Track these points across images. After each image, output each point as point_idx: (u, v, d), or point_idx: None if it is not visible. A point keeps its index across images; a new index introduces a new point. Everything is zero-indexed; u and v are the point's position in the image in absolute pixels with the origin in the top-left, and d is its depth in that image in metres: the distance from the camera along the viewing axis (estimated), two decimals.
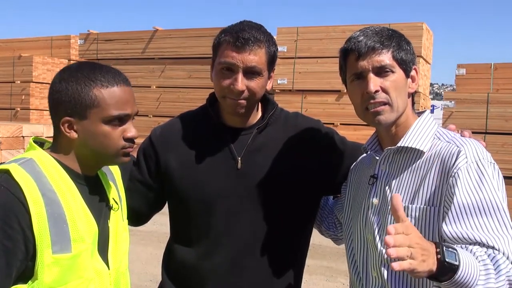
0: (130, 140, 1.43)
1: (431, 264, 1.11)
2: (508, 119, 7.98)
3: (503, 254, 1.26)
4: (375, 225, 1.49)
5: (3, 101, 11.53)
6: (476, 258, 1.22)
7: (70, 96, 1.37)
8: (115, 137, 1.40)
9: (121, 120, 1.41)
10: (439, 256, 1.13)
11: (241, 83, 1.56)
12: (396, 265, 1.05)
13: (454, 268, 1.13)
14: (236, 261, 1.65)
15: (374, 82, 1.41)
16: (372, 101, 1.42)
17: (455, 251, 1.16)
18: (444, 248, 1.15)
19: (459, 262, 1.14)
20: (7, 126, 7.52)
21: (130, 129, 1.43)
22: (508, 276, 1.23)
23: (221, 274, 1.66)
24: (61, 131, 1.40)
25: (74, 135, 1.40)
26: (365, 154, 1.69)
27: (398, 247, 1.05)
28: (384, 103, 1.42)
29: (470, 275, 1.16)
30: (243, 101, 1.60)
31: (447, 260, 1.13)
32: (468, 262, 1.16)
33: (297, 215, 1.71)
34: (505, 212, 1.31)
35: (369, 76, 1.42)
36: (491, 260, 1.24)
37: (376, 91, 1.41)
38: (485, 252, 1.26)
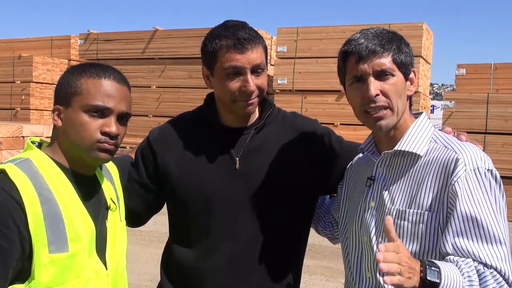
0: (107, 135, 1.39)
1: (415, 282, 1.20)
2: (508, 119, 7.98)
3: (496, 269, 1.29)
4: (372, 227, 1.50)
5: (3, 101, 11.54)
6: (463, 274, 1.26)
7: (62, 85, 1.43)
8: (91, 128, 1.38)
9: (102, 113, 1.39)
10: (421, 274, 1.22)
11: (253, 83, 1.57)
12: (387, 279, 1.15)
13: (435, 285, 1.22)
14: (235, 261, 1.65)
15: (375, 86, 1.41)
16: (372, 105, 1.41)
17: (437, 270, 1.23)
18: (427, 267, 1.23)
19: (441, 280, 1.22)
20: (7, 126, 7.53)
21: (109, 124, 1.40)
22: None
23: (219, 274, 1.65)
24: (52, 120, 1.43)
25: (59, 122, 1.42)
26: (361, 154, 1.69)
27: (389, 263, 1.15)
28: (385, 107, 1.42)
29: None
30: (254, 100, 1.61)
31: (428, 278, 1.21)
32: (451, 279, 1.23)
33: (295, 215, 1.71)
34: (503, 228, 1.33)
35: (370, 79, 1.41)
36: (478, 276, 1.28)
37: (377, 95, 1.41)
38: (475, 267, 1.29)
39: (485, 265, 1.30)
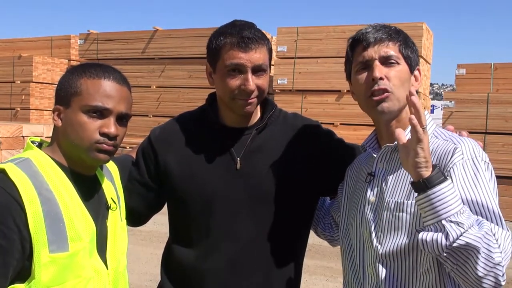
0: (106, 136, 1.39)
1: (430, 164, 1.26)
2: (508, 119, 7.98)
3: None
4: (371, 222, 1.50)
5: (3, 101, 11.53)
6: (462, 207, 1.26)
7: (62, 84, 1.44)
8: (90, 128, 1.38)
9: (101, 113, 1.39)
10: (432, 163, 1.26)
11: (253, 82, 1.57)
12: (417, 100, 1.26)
13: (441, 179, 1.24)
14: (235, 261, 1.65)
15: (380, 70, 1.44)
16: (376, 87, 1.43)
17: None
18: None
19: (446, 178, 1.25)
20: (7, 126, 7.52)
21: (108, 125, 1.39)
22: (487, 235, 1.22)
23: (220, 274, 1.65)
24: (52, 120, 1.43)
25: (58, 123, 1.42)
26: (362, 154, 1.69)
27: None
28: (388, 91, 1.44)
29: (451, 201, 1.22)
30: (253, 100, 1.61)
31: (438, 166, 1.27)
32: (454, 191, 1.25)
33: (295, 215, 1.71)
34: (499, 214, 1.32)
35: (375, 63, 1.45)
36: (476, 220, 1.27)
37: (381, 78, 1.43)
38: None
39: None
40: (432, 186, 1.23)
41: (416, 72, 1.53)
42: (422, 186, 1.24)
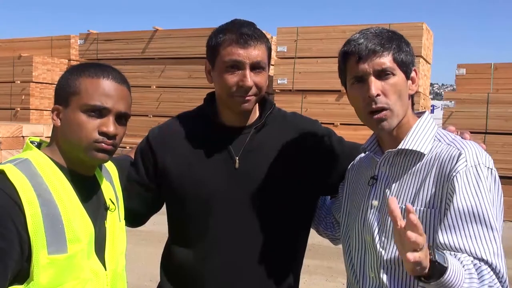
0: (105, 135, 1.38)
1: (428, 262, 1.15)
2: (508, 119, 7.99)
3: (491, 264, 1.28)
4: (375, 226, 1.49)
5: (3, 101, 11.54)
6: (463, 266, 1.24)
7: (61, 84, 1.43)
8: (89, 127, 1.37)
9: (100, 113, 1.39)
10: (430, 256, 1.16)
11: (250, 79, 1.57)
12: (411, 256, 1.10)
13: (442, 270, 1.17)
14: (234, 261, 1.65)
15: (376, 86, 1.40)
16: (374, 106, 1.41)
17: (443, 255, 1.20)
18: (434, 249, 1.19)
19: (447, 264, 1.18)
20: (7, 126, 7.53)
21: (107, 124, 1.39)
22: (490, 286, 1.25)
23: (219, 274, 1.65)
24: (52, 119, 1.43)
25: (58, 122, 1.41)
26: (363, 154, 1.69)
27: (418, 236, 1.11)
28: (386, 109, 1.41)
29: (456, 279, 1.20)
30: (251, 97, 1.61)
31: (437, 260, 1.17)
32: (455, 266, 1.20)
33: (295, 215, 1.70)
34: (498, 224, 1.32)
35: (370, 79, 1.41)
36: (476, 270, 1.26)
37: (378, 95, 1.40)
38: (472, 261, 1.28)
39: (480, 259, 1.28)
40: (433, 280, 1.18)
41: (413, 74, 1.49)
42: (423, 280, 1.20)
